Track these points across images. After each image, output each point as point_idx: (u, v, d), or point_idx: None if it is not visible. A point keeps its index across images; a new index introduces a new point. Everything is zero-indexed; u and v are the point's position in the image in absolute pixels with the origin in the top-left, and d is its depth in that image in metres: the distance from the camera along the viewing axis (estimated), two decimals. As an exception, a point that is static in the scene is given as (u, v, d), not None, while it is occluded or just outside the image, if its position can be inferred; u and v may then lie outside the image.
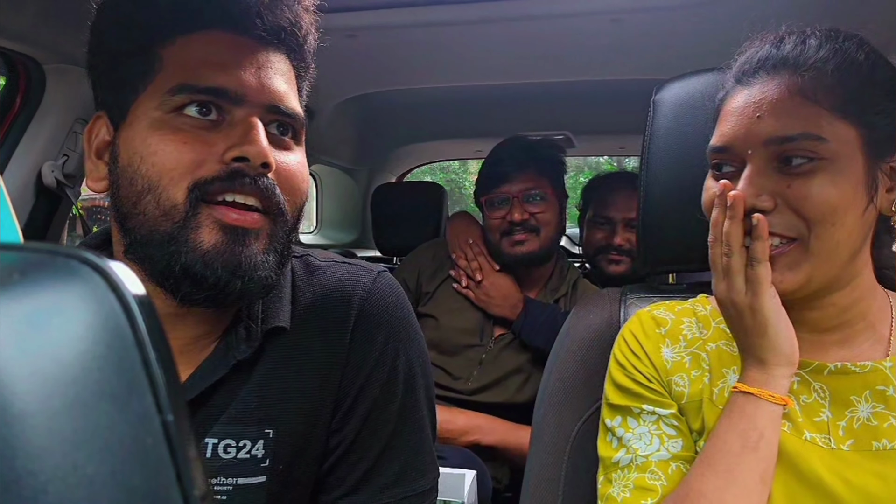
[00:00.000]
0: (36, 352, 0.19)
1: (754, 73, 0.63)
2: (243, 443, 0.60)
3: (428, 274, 1.55)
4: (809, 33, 0.63)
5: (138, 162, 0.54)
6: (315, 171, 2.61)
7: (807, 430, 0.63)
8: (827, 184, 0.58)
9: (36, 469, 0.18)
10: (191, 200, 0.54)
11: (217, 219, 0.54)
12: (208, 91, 0.54)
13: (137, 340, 0.21)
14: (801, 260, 0.60)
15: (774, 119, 0.60)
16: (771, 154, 0.60)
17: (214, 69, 0.55)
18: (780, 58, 0.62)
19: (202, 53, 0.55)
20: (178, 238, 0.54)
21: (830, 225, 0.59)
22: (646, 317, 0.74)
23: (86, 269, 0.21)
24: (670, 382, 0.70)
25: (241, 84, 0.55)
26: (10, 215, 0.47)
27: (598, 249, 1.69)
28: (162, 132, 0.54)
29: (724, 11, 1.09)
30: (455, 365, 1.44)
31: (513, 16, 1.17)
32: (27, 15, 0.97)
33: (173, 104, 0.54)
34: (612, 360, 0.75)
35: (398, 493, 0.64)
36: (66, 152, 1.14)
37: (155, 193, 0.54)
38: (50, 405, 0.19)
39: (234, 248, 0.54)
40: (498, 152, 1.52)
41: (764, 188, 0.60)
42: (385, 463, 0.64)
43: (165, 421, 0.20)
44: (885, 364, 0.63)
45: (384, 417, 0.64)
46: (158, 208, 0.54)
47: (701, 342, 0.71)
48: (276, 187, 0.56)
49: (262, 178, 0.55)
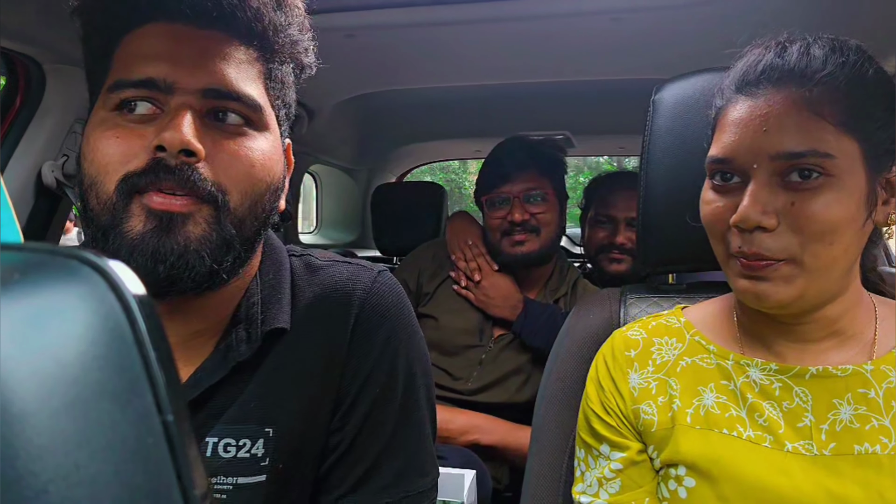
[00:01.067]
0: (36, 351, 0.19)
1: (758, 83, 0.61)
2: (243, 442, 0.60)
3: (428, 274, 1.55)
4: (812, 41, 0.61)
5: (85, 162, 0.56)
6: (315, 171, 2.61)
7: (787, 441, 0.62)
8: (832, 201, 0.58)
9: (37, 469, 0.18)
10: (119, 192, 0.54)
11: (145, 205, 0.54)
12: (139, 84, 0.54)
13: (137, 340, 0.21)
14: (795, 275, 0.60)
15: (782, 134, 0.58)
16: (776, 169, 0.59)
17: (146, 61, 0.54)
18: (787, 69, 0.60)
19: (137, 47, 0.55)
20: (114, 229, 0.54)
21: (828, 243, 0.58)
22: (619, 339, 0.75)
23: (86, 269, 0.22)
24: (637, 411, 0.70)
25: (170, 73, 0.54)
26: (10, 215, 0.47)
27: (599, 248, 1.69)
28: (102, 129, 0.55)
29: (723, 11, 1.09)
30: (455, 365, 1.44)
31: (512, 15, 1.17)
32: (27, 15, 0.97)
33: (112, 102, 0.55)
34: (588, 380, 0.76)
35: (398, 492, 0.64)
36: (65, 152, 1.14)
37: (94, 189, 0.55)
38: (50, 405, 0.19)
39: (159, 234, 0.53)
40: (498, 152, 1.51)
41: (768, 205, 0.59)
42: (385, 463, 0.64)
43: (166, 420, 0.20)
44: (866, 367, 0.63)
45: (384, 417, 0.64)
46: (98, 203, 0.55)
47: (670, 365, 0.71)
48: (202, 176, 0.54)
49: (185, 167, 0.54)
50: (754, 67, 0.62)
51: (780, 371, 0.65)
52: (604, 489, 0.71)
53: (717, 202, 0.64)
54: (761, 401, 0.65)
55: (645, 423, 0.69)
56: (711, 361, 0.69)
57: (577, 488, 0.73)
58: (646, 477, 0.70)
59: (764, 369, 0.66)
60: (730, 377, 0.67)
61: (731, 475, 0.62)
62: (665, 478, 0.68)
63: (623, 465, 0.70)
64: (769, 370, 0.66)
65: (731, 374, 0.67)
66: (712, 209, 0.64)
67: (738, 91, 0.63)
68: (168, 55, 0.54)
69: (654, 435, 0.68)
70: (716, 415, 0.66)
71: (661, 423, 0.68)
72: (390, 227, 2.20)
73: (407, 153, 2.72)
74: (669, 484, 0.67)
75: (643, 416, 0.69)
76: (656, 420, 0.68)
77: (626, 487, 0.70)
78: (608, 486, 0.70)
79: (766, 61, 0.62)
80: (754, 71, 0.62)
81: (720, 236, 0.64)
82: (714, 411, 0.66)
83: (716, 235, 0.65)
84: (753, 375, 0.66)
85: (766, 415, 0.64)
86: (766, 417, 0.64)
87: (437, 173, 10.79)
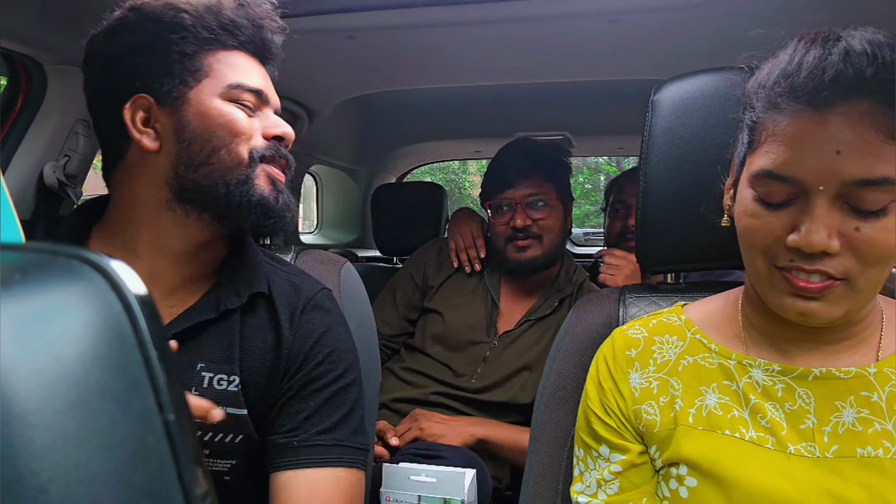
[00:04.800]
0: (37, 351, 0.20)
1: (824, 93, 0.54)
2: (233, 378, 0.77)
3: (433, 268, 1.57)
4: (868, 39, 0.55)
5: (214, 128, 0.74)
6: (315, 172, 2.61)
7: (790, 443, 0.62)
8: (894, 227, 0.55)
9: (37, 468, 0.18)
10: (251, 158, 0.76)
11: (268, 173, 0.77)
12: (254, 91, 0.78)
13: (138, 339, 0.21)
14: (846, 295, 0.57)
15: (858, 158, 0.53)
16: (844, 193, 0.55)
17: (252, 76, 0.78)
18: (859, 78, 0.53)
19: (240, 64, 0.78)
20: (248, 181, 0.75)
21: (885, 266, 0.57)
22: (619, 339, 0.74)
23: (87, 269, 0.22)
24: (639, 411, 0.69)
25: (266, 89, 0.80)
26: (12, 215, 0.48)
27: (618, 236, 1.74)
28: (229, 108, 0.76)
29: (723, 11, 1.09)
30: (459, 361, 1.44)
31: (512, 17, 1.17)
32: (28, 15, 0.97)
33: (231, 95, 0.76)
34: (588, 380, 0.75)
35: (330, 438, 0.78)
36: (67, 153, 1.14)
37: (228, 149, 0.74)
38: (51, 404, 0.19)
39: (279, 193, 0.78)
40: (501, 157, 1.51)
41: (833, 228, 0.55)
42: (321, 414, 0.79)
43: (167, 419, 0.21)
44: (870, 370, 0.62)
45: (317, 388, 0.80)
46: (232, 159, 0.75)
47: (671, 364, 0.70)
48: (289, 158, 0.82)
49: (284, 153, 0.80)
50: (818, 73, 0.55)
51: (782, 372, 0.64)
52: (602, 490, 0.70)
53: (766, 216, 0.59)
54: (764, 402, 0.64)
55: (647, 424, 0.69)
56: (713, 361, 0.68)
57: (576, 488, 0.73)
58: (645, 478, 0.69)
59: (767, 370, 0.65)
60: (732, 378, 0.67)
61: (734, 477, 0.62)
62: (666, 477, 0.67)
63: (623, 468, 0.69)
64: (772, 371, 0.65)
65: (733, 375, 0.67)
66: (760, 223, 0.59)
67: (798, 99, 0.56)
68: (259, 76, 0.80)
69: (656, 435, 0.68)
70: (718, 416, 0.65)
71: (663, 424, 0.68)
72: (390, 228, 2.20)
73: (407, 153, 2.72)
74: (671, 483, 0.66)
75: (645, 416, 0.69)
76: (659, 420, 0.68)
77: (625, 489, 0.69)
78: (607, 488, 0.70)
79: (834, 67, 0.54)
80: (819, 77, 0.55)
81: (762, 249, 0.60)
82: (716, 412, 0.65)
83: (756, 248, 0.61)
84: (756, 376, 0.65)
85: (768, 416, 0.63)
86: (769, 419, 0.63)
87: (437, 173, 10.79)
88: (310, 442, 0.78)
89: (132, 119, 0.75)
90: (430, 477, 1.03)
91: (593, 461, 0.72)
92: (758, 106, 0.60)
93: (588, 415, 0.73)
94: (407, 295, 1.58)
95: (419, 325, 1.55)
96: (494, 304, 1.49)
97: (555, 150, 1.54)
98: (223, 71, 0.76)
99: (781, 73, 0.58)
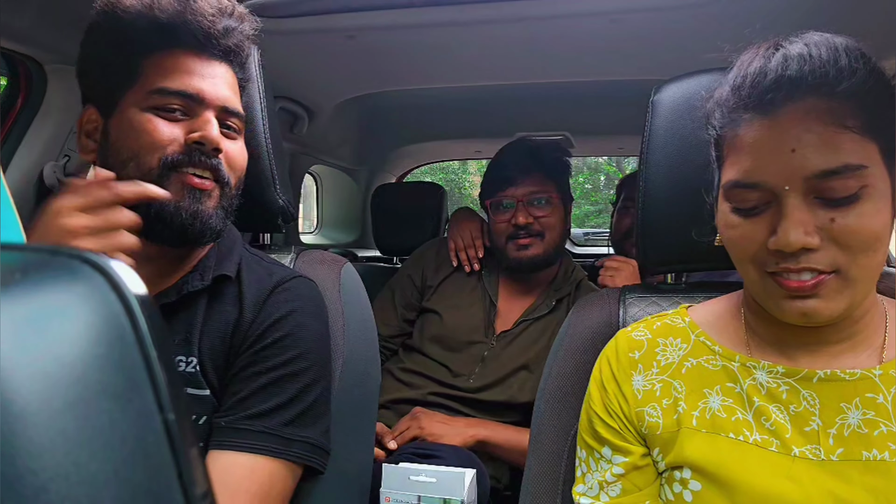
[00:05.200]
0: (37, 351, 0.20)
1: (771, 98, 0.57)
2: (191, 359, 0.77)
3: (432, 268, 1.57)
4: (811, 44, 0.57)
5: (125, 139, 0.73)
6: (315, 172, 2.61)
7: (794, 446, 0.61)
8: (872, 211, 0.56)
9: (38, 467, 0.18)
10: (161, 167, 0.73)
11: (183, 181, 0.75)
12: (178, 93, 0.74)
13: (138, 339, 0.21)
14: (843, 287, 0.58)
15: (813, 152, 0.55)
16: (810, 188, 0.56)
17: (183, 78, 0.75)
18: (801, 79, 0.56)
19: (174, 66, 0.75)
20: None
21: (873, 252, 0.57)
22: (622, 340, 0.74)
23: (87, 269, 0.22)
24: (641, 414, 0.69)
25: (200, 90, 0.75)
26: (12, 215, 0.48)
27: (625, 234, 1.75)
28: (142, 117, 0.74)
29: (723, 12, 1.09)
30: (457, 361, 1.44)
31: (512, 17, 1.17)
32: (28, 15, 0.97)
33: (153, 101, 0.74)
34: (591, 381, 0.75)
35: (261, 425, 0.75)
36: (67, 152, 1.14)
37: (137, 160, 0.73)
38: (51, 404, 0.19)
39: (193, 203, 0.75)
40: (502, 156, 1.51)
41: (809, 224, 0.56)
42: (258, 398, 0.76)
43: (167, 419, 0.21)
44: (875, 372, 0.62)
45: (259, 371, 0.78)
46: (139, 171, 0.73)
47: (675, 366, 0.70)
48: (223, 165, 0.78)
49: (212, 158, 0.76)
50: (760, 80, 0.58)
51: (787, 374, 0.64)
52: (605, 492, 0.70)
53: (745, 226, 0.60)
54: (768, 404, 0.64)
55: (650, 426, 0.68)
56: (717, 363, 0.68)
57: (578, 489, 0.73)
58: (648, 480, 0.69)
59: (771, 372, 0.65)
60: (736, 380, 0.66)
61: (738, 480, 0.61)
62: (669, 480, 0.67)
63: (625, 470, 0.69)
64: (776, 373, 0.64)
65: (737, 377, 0.66)
66: (739, 234, 0.61)
67: (746, 108, 0.59)
68: (199, 77, 0.76)
69: (659, 438, 0.68)
70: (722, 418, 0.65)
71: (666, 426, 0.67)
72: (390, 228, 2.20)
73: (407, 153, 2.72)
74: (674, 486, 0.66)
75: (647, 418, 0.68)
76: (661, 423, 0.68)
77: (628, 491, 0.69)
78: (609, 490, 0.70)
79: (774, 72, 0.57)
80: (761, 84, 0.58)
81: (749, 258, 0.61)
82: (720, 415, 0.65)
83: (744, 258, 0.62)
84: (760, 378, 0.65)
85: (772, 418, 0.63)
86: (773, 421, 0.63)
87: (437, 173, 10.78)
88: (236, 425, 0.74)
89: (81, 129, 0.77)
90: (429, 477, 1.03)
91: (595, 463, 0.72)
92: (716, 123, 0.63)
93: (591, 416, 0.73)
94: (406, 296, 1.58)
95: (417, 325, 1.55)
96: (492, 304, 1.49)
97: (556, 150, 1.54)
98: (150, 76, 0.74)
99: (731, 88, 0.61)
